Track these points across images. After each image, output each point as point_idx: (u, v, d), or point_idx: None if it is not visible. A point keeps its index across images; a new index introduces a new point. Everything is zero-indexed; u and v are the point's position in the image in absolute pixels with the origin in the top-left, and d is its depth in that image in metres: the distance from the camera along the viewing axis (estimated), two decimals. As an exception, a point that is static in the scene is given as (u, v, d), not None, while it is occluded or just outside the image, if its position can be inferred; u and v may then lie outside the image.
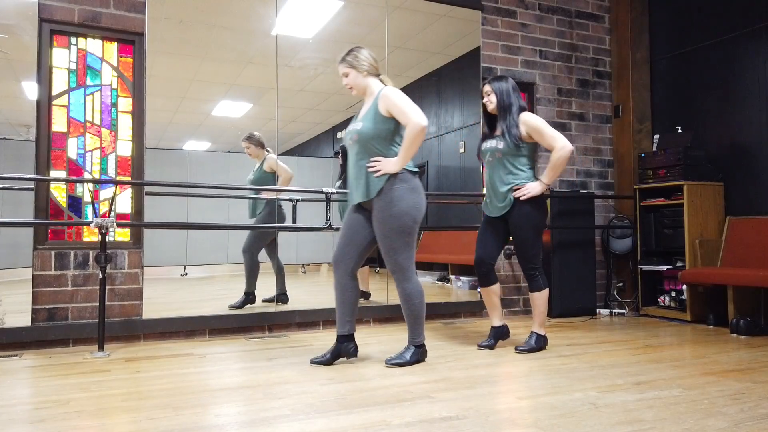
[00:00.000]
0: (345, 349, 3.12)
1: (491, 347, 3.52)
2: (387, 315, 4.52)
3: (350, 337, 3.13)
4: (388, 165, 2.96)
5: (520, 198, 3.35)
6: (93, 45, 3.86)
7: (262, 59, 4.44)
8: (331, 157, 5.02)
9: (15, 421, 2.17)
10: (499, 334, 3.58)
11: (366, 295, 4.73)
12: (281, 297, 4.38)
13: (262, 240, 4.40)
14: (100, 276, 3.47)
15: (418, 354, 3.09)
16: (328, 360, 3.08)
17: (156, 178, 3.94)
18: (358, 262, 3.11)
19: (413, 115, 2.91)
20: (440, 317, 4.74)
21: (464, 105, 5.21)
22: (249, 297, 4.31)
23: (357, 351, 3.16)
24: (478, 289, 5.01)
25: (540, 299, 3.48)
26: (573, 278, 4.95)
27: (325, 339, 3.88)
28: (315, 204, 4.76)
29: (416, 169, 3.07)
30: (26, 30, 3.66)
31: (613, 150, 5.62)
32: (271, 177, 4.44)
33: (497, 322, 3.58)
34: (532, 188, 3.34)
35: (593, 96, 5.57)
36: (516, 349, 3.44)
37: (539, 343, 3.46)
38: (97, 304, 3.59)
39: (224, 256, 4.59)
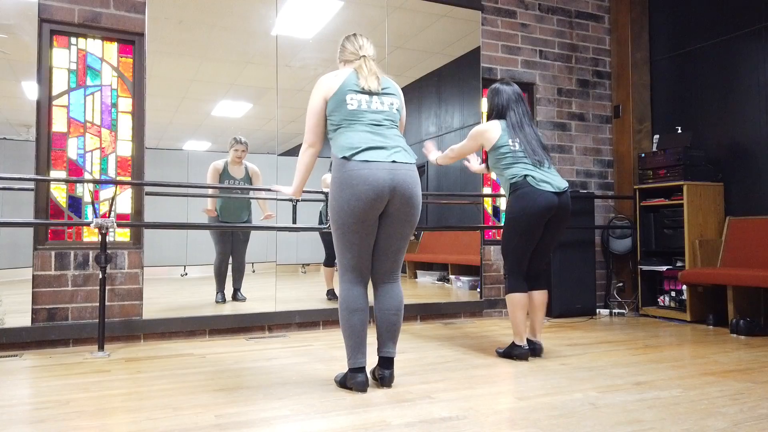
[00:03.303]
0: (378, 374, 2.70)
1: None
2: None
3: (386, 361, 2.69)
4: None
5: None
6: (93, 45, 3.86)
7: (262, 59, 4.44)
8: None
9: (15, 422, 2.17)
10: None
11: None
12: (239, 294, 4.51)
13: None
14: (100, 276, 3.47)
15: (344, 379, 2.62)
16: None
17: (156, 179, 3.94)
18: (375, 266, 2.67)
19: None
20: (440, 317, 4.74)
21: (464, 105, 5.21)
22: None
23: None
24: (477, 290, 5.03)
25: (507, 304, 3.27)
26: (573, 278, 4.95)
27: (325, 339, 3.88)
28: (316, 204, 4.77)
29: (349, 152, 2.51)
30: (26, 30, 3.66)
31: (613, 150, 5.62)
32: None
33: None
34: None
35: (593, 96, 5.57)
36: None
37: (506, 352, 3.26)
38: (97, 304, 3.59)
39: (224, 256, 4.58)
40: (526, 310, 3.24)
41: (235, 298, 4.46)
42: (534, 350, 3.27)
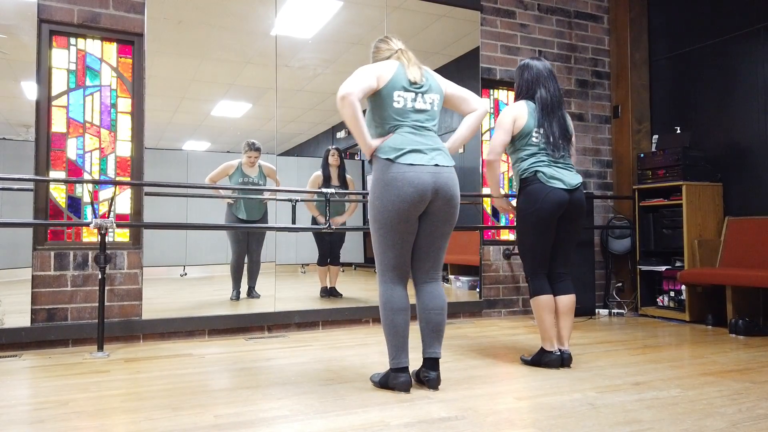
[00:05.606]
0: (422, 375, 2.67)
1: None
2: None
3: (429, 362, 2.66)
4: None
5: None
6: (92, 45, 3.86)
7: (262, 59, 4.44)
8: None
9: (15, 422, 2.17)
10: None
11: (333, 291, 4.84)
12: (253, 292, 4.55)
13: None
14: (100, 276, 3.47)
15: (385, 379, 2.60)
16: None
17: (155, 179, 3.94)
18: (417, 266, 2.67)
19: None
20: (439, 317, 4.74)
21: (463, 105, 5.20)
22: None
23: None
24: (478, 290, 5.03)
25: (532, 308, 3.12)
26: (572, 278, 4.93)
27: (324, 339, 3.88)
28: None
29: (393, 154, 2.52)
30: (25, 30, 3.66)
31: (612, 150, 5.62)
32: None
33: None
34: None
35: (592, 96, 5.57)
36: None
37: (534, 359, 3.09)
38: (97, 304, 3.59)
39: (224, 256, 4.60)
40: (553, 312, 3.06)
41: (249, 295, 4.50)
42: (561, 359, 3.04)
